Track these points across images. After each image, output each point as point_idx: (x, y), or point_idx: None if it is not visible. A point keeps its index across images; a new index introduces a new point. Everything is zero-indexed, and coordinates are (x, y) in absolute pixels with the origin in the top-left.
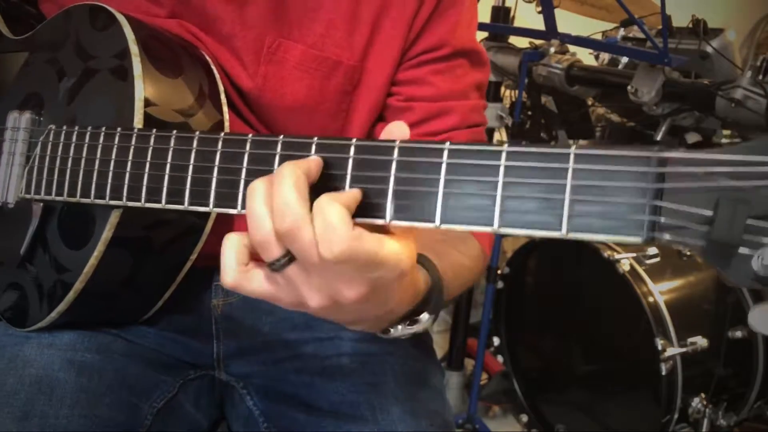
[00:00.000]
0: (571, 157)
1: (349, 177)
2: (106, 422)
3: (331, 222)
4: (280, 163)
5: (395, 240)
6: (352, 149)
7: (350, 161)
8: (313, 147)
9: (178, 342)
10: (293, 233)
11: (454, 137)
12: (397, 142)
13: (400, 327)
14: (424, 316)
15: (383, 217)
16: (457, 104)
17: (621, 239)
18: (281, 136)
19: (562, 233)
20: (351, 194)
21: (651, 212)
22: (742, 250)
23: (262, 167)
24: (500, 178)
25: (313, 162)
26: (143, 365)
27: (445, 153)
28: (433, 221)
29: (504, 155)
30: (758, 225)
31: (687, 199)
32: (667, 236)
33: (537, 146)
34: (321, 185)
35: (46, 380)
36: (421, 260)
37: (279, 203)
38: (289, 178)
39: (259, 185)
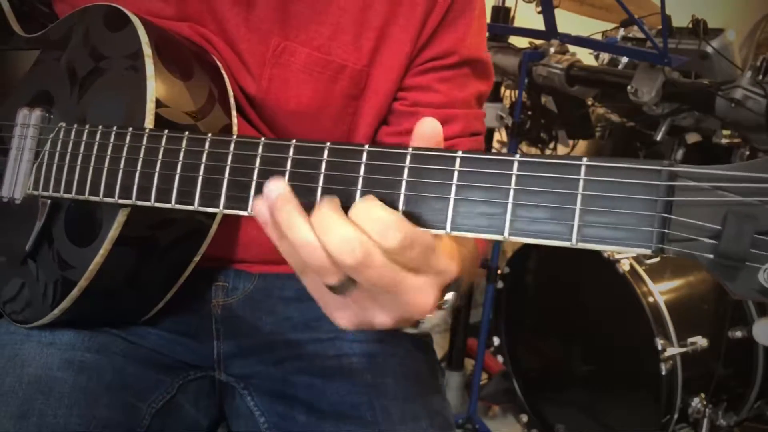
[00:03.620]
0: (583, 168)
1: (360, 181)
2: (105, 422)
3: (378, 219)
4: (292, 167)
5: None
6: (365, 155)
7: (362, 167)
8: (326, 152)
9: (178, 342)
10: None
11: (458, 144)
12: (410, 149)
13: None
14: (450, 296)
15: None
16: (460, 112)
17: (630, 250)
18: (294, 141)
19: (572, 243)
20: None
21: (660, 224)
22: (749, 263)
23: (274, 168)
24: (512, 187)
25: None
26: (142, 365)
27: (458, 161)
28: (444, 228)
29: (516, 164)
30: (765, 239)
31: (695, 212)
32: (675, 248)
33: (548, 156)
34: (333, 190)
35: (44, 379)
36: None
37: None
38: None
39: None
